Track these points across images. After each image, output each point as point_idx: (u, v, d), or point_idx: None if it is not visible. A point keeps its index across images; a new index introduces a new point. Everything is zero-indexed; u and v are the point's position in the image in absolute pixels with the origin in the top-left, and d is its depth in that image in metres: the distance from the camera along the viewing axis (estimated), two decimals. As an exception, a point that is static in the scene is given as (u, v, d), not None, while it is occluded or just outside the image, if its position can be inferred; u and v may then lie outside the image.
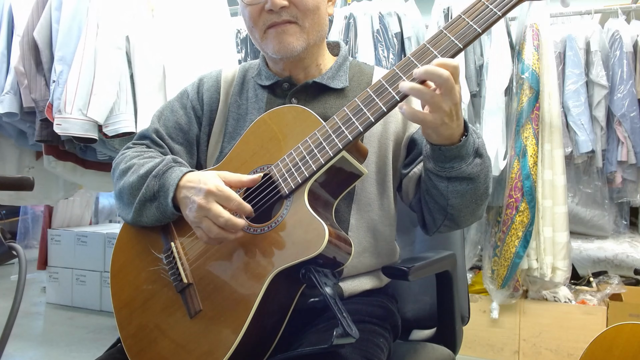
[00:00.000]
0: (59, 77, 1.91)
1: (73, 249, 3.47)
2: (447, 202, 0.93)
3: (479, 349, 2.60)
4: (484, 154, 0.91)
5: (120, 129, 1.91)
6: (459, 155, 0.87)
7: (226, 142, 1.07)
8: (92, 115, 1.86)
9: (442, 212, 0.96)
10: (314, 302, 0.94)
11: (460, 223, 0.98)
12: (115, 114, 1.92)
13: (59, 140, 2.05)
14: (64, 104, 1.85)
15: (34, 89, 2.00)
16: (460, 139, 0.86)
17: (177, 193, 0.91)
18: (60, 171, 2.26)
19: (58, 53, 1.95)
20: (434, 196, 0.95)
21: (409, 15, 2.69)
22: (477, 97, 2.52)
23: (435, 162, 0.89)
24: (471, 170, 0.88)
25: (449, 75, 0.77)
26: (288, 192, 0.87)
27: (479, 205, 0.95)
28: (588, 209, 2.76)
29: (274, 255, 0.83)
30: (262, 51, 1.06)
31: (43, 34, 2.00)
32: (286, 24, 0.98)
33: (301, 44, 0.99)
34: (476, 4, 0.84)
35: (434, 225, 1.00)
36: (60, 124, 1.86)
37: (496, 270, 2.45)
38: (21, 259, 0.75)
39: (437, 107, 0.79)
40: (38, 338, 2.96)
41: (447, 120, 0.81)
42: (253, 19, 1.00)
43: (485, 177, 0.91)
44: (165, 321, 0.90)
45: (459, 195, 0.91)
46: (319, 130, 0.89)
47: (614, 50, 2.57)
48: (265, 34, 1.00)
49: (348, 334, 0.74)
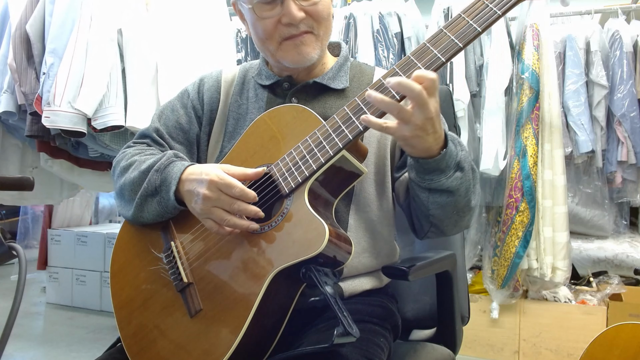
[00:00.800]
0: (50, 70, 1.89)
1: (73, 249, 3.47)
2: (428, 212, 0.94)
3: (479, 349, 2.60)
4: (465, 167, 0.90)
5: (108, 122, 1.89)
6: (438, 168, 0.87)
7: (226, 141, 1.07)
8: (80, 108, 1.84)
9: (426, 220, 0.96)
10: (315, 301, 0.94)
11: (444, 232, 0.99)
12: (105, 107, 1.91)
13: (50, 136, 2.02)
14: (53, 97, 1.84)
15: (24, 82, 1.98)
16: (439, 152, 0.85)
17: (180, 187, 0.92)
18: (56, 170, 2.25)
19: (50, 45, 1.93)
20: (418, 204, 0.95)
21: (409, 15, 2.69)
22: (477, 97, 2.53)
23: (417, 173, 0.90)
24: (450, 184, 0.88)
25: (421, 90, 0.76)
26: (288, 191, 0.87)
27: (461, 217, 0.95)
28: (588, 209, 2.76)
29: (275, 254, 0.83)
30: (273, 61, 1.05)
31: (36, 27, 1.99)
32: (304, 35, 0.98)
33: (317, 52, 1.00)
34: (476, 3, 0.84)
35: (421, 231, 1.01)
36: (49, 117, 1.83)
37: (496, 270, 2.45)
38: (21, 259, 0.75)
39: (406, 120, 0.79)
40: (38, 338, 2.96)
41: (419, 134, 0.80)
42: (268, 32, 0.98)
43: (466, 191, 0.91)
44: (165, 321, 0.90)
45: (439, 206, 0.92)
46: (319, 129, 0.89)
47: (614, 50, 2.57)
48: (281, 45, 0.99)
49: (349, 333, 0.74)
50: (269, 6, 0.96)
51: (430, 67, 0.83)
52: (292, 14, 0.94)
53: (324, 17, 0.98)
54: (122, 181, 1.00)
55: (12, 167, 2.41)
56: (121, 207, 1.02)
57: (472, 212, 0.97)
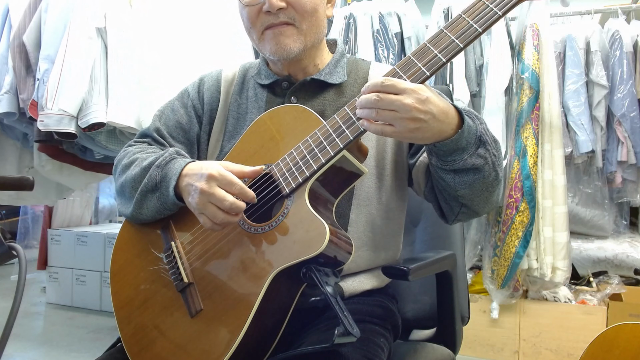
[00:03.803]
0: (44, 75, 1.92)
1: (73, 249, 3.47)
2: (456, 193, 0.91)
3: (479, 349, 2.60)
4: (487, 141, 0.87)
5: (90, 120, 1.90)
6: (458, 148, 0.84)
7: (226, 140, 1.07)
8: (63, 107, 1.85)
9: (456, 201, 0.94)
10: (315, 301, 0.94)
11: (476, 211, 0.95)
12: (89, 106, 1.92)
13: (54, 140, 2.03)
14: (45, 100, 1.87)
15: (23, 89, 2.01)
16: (456, 132, 0.83)
17: (179, 182, 0.92)
18: (48, 170, 2.24)
19: (43, 52, 1.96)
20: (444, 187, 0.93)
21: (409, 15, 2.69)
22: (477, 97, 2.53)
23: (437, 157, 0.88)
24: (475, 161, 0.86)
25: (376, 98, 0.78)
26: (289, 191, 0.87)
27: (491, 193, 0.92)
28: (588, 209, 2.76)
29: (275, 254, 0.83)
30: (259, 52, 1.07)
31: (32, 37, 2.01)
32: (283, 26, 0.98)
33: (298, 46, 1.00)
34: (476, 4, 0.84)
35: (452, 213, 0.98)
36: (43, 120, 1.87)
37: (496, 270, 2.45)
38: (21, 259, 0.75)
39: (390, 120, 0.79)
40: (38, 338, 2.96)
41: (413, 125, 0.79)
42: (251, 19, 1.00)
43: (492, 165, 0.89)
44: (165, 321, 0.90)
45: (467, 185, 0.89)
46: (319, 129, 0.89)
47: (614, 50, 2.57)
48: (262, 35, 1.00)
49: (349, 332, 0.74)
50: None
51: (431, 68, 0.83)
52: (271, 2, 0.95)
53: (306, 10, 0.98)
54: (123, 179, 1.00)
55: (10, 167, 2.41)
56: (121, 205, 1.02)
57: (500, 186, 0.94)
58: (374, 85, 0.79)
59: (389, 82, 0.78)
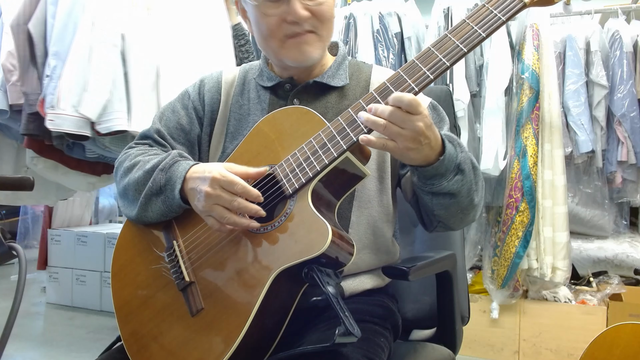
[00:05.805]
0: (53, 72, 1.90)
1: (73, 249, 3.47)
2: (433, 212, 0.96)
3: (479, 349, 2.60)
4: (465, 169, 0.91)
5: (113, 127, 1.90)
6: (437, 173, 0.88)
7: (228, 142, 1.07)
8: (84, 112, 1.85)
9: (433, 217, 0.99)
10: (316, 301, 0.94)
11: (452, 228, 1.02)
12: (109, 112, 1.91)
13: (46, 135, 2.01)
14: (57, 100, 1.84)
15: (25, 81, 1.97)
16: (437, 158, 0.86)
17: (184, 185, 0.92)
18: (40, 168, 2.21)
19: (52, 48, 1.94)
20: (423, 204, 0.97)
21: (409, 15, 2.69)
22: (477, 97, 2.53)
23: (418, 178, 0.91)
24: (452, 187, 0.90)
25: (386, 124, 0.80)
26: (292, 192, 0.88)
27: (466, 215, 0.97)
28: (588, 209, 2.76)
29: (277, 254, 0.84)
30: (275, 60, 1.06)
31: (38, 27, 1.98)
32: (307, 34, 0.99)
33: (319, 53, 1.02)
34: (480, 9, 0.86)
35: (430, 225, 1.03)
36: (53, 120, 1.84)
37: (496, 270, 2.46)
38: (21, 259, 0.75)
39: (394, 136, 0.81)
40: (38, 338, 2.96)
41: (412, 146, 0.82)
42: (271, 29, 0.99)
43: (468, 191, 0.93)
44: (165, 320, 0.90)
45: (443, 207, 0.94)
46: (323, 131, 0.89)
47: (614, 50, 2.57)
48: (284, 44, 1.00)
49: (350, 332, 0.74)
50: (274, 4, 0.97)
51: (435, 72, 0.84)
52: (297, 13, 0.95)
53: (327, 17, 1.00)
54: (125, 181, 1.00)
55: (7, 167, 2.39)
56: (125, 207, 1.02)
57: (476, 209, 0.98)
58: (399, 101, 0.80)
59: (415, 102, 0.80)
